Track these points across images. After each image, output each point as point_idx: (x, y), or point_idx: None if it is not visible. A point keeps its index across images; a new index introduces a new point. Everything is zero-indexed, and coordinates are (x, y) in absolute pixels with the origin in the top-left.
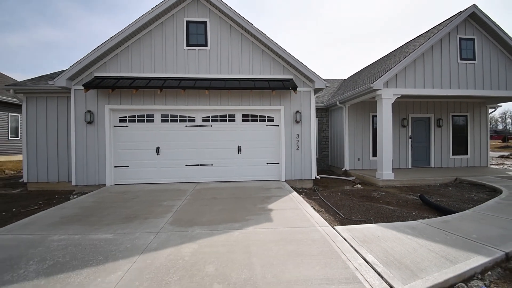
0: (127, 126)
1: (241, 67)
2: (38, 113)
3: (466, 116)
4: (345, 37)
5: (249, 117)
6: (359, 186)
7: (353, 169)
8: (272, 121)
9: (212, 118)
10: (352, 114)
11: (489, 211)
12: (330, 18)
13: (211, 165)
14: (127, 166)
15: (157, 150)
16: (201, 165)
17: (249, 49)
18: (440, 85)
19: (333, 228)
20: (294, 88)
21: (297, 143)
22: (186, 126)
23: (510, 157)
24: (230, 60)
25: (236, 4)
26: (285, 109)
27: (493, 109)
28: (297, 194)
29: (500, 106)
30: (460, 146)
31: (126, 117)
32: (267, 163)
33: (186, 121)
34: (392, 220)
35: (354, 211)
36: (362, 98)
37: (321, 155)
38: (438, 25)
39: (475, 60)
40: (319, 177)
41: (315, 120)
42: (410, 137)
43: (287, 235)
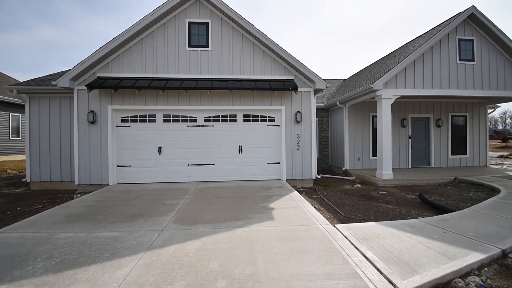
0: (129, 126)
1: (242, 67)
2: (41, 113)
3: (465, 116)
4: (345, 37)
5: (250, 117)
6: (359, 186)
7: (353, 169)
8: (273, 121)
9: (213, 118)
10: (352, 114)
11: (487, 210)
12: (330, 18)
13: (213, 164)
14: (130, 166)
15: (159, 150)
16: (202, 164)
17: (250, 50)
18: (439, 85)
19: (334, 226)
20: (295, 88)
21: (297, 143)
22: (187, 126)
23: (509, 157)
24: (231, 60)
25: (235, 3)
26: (285, 109)
27: (492, 109)
28: (298, 193)
29: (499, 106)
30: (459, 146)
31: (128, 117)
32: (268, 163)
33: (187, 121)
34: (392, 218)
35: (354, 209)
36: (362, 99)
37: (322, 155)
38: (438, 26)
39: (474, 61)
40: (319, 176)
41: (316, 120)
42: (410, 137)
43: (288, 232)
